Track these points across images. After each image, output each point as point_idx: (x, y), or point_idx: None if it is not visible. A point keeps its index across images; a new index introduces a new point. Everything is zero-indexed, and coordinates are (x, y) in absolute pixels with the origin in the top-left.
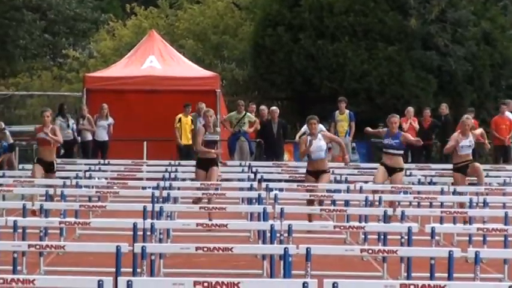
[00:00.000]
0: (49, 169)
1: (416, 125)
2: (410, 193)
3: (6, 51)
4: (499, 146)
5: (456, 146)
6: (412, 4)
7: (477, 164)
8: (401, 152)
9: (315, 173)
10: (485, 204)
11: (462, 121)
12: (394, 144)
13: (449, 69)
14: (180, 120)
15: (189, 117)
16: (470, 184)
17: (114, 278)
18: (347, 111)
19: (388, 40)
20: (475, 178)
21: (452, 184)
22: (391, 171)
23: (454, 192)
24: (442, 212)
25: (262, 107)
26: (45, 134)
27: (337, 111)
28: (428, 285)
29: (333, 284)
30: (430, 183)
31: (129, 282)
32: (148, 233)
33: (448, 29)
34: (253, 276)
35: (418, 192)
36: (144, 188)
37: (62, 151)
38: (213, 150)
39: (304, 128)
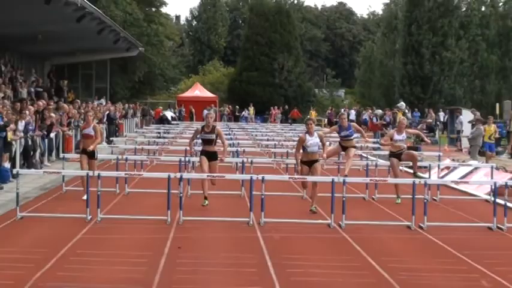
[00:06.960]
0: (92, 156)
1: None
2: None
3: (152, 83)
4: None
5: (390, 139)
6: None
7: (411, 151)
8: (354, 137)
9: (309, 162)
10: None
11: (399, 121)
12: (349, 134)
13: None
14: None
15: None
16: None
17: (166, 192)
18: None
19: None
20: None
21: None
22: (346, 148)
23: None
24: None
25: (230, 106)
26: (91, 131)
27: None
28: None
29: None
30: None
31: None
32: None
33: None
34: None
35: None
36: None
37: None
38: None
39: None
